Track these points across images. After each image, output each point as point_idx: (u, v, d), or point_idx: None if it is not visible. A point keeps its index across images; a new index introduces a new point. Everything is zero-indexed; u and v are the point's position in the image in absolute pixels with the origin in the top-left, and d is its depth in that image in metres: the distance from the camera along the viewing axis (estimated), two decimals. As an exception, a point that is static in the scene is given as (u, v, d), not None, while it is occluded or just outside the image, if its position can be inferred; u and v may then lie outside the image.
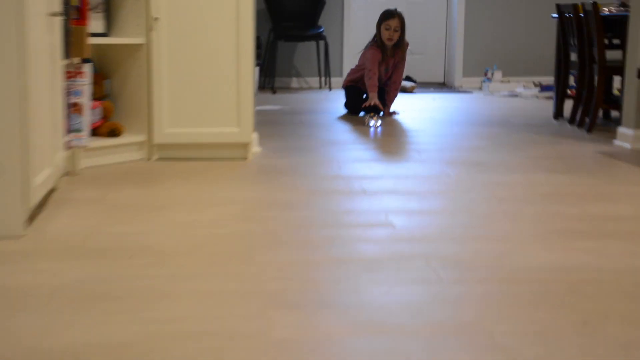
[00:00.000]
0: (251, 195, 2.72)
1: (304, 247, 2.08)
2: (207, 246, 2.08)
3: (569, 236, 2.21)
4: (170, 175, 3.09)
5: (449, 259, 1.98)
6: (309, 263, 1.95)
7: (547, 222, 2.36)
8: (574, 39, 4.71)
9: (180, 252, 2.03)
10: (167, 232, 2.22)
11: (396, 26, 5.11)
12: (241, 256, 1.99)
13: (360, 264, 1.95)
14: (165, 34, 3.29)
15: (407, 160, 3.47)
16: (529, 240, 2.16)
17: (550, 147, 3.86)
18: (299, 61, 7.50)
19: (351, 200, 2.66)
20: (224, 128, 3.38)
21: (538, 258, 2.00)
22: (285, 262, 1.95)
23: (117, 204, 2.56)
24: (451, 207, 2.57)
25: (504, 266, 1.93)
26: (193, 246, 2.08)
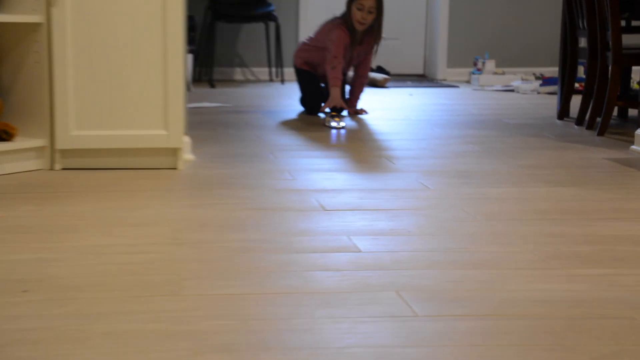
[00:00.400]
0: (181, 214, 2.73)
1: (247, 277, 2.10)
2: (124, 277, 2.08)
3: (572, 262, 2.26)
4: (78, 188, 3.08)
5: (425, 290, 2.01)
6: (253, 296, 1.96)
7: (546, 245, 2.41)
8: (583, 20, 4.81)
9: (89, 284, 2.02)
10: (73, 260, 2.21)
11: (371, 7, 5.07)
12: (168, 289, 2.00)
13: (316, 297, 1.97)
14: (71, 10, 3.29)
15: (375, 169, 3.50)
16: (523, 267, 2.20)
17: (552, 153, 3.94)
18: (244, 47, 7.52)
19: (306, 218, 2.68)
20: (147, 130, 3.38)
21: (534, 289, 2.04)
22: (223, 296, 1.96)
23: (8, 226, 2.55)
24: (429, 227, 2.61)
25: (492, 299, 1.96)
26: (106, 277, 2.08)
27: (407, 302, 1.93)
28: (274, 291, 2.00)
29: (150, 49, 3.34)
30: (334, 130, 4.60)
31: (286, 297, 1.96)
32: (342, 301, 1.93)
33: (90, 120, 3.35)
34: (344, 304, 1.92)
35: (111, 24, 3.31)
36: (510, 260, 2.27)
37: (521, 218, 2.72)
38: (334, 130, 4.60)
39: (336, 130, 4.60)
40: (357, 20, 5.07)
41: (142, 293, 1.96)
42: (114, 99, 3.35)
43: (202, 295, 1.96)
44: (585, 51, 4.84)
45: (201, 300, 1.93)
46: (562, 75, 5.16)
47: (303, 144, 4.13)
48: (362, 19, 5.06)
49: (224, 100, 5.91)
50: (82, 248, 2.32)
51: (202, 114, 5.20)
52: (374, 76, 7.06)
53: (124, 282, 2.04)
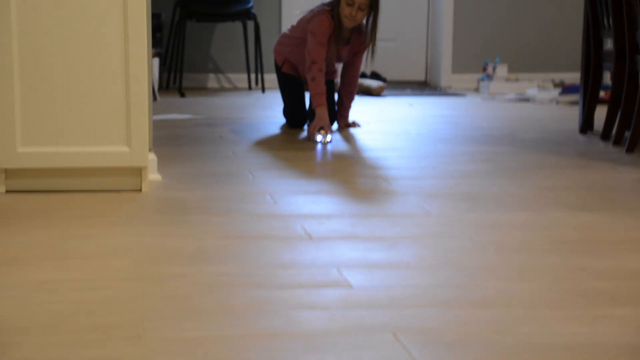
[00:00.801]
0: (146, 243, 2.73)
1: (221, 316, 2.10)
2: (78, 317, 2.08)
3: (596, 300, 2.27)
4: (25, 214, 3.07)
5: (425, 332, 2.02)
6: (228, 340, 1.96)
7: (567, 280, 2.42)
8: (609, 18, 4.85)
9: (38, 326, 2.02)
10: (18, 299, 2.21)
11: (363, 3, 4.96)
12: (129, 331, 2.00)
13: (301, 340, 1.97)
14: (15, 9, 3.29)
15: (370, 192, 3.51)
16: (541, 306, 2.21)
17: (573, 173, 3.95)
18: (219, 50, 7.55)
19: (290, 248, 2.68)
20: (106, 147, 3.39)
21: (552, 332, 2.05)
22: (193, 339, 1.96)
23: (-53, 257, 2.54)
24: (431, 258, 2.62)
25: (503, 343, 1.97)
26: (58, 318, 2.07)
27: (405, 346, 1.93)
28: (253, 333, 2.00)
29: (108, 52, 3.34)
30: (320, 144, 4.65)
31: (267, 340, 1.96)
32: (331, 345, 1.94)
33: (40, 135, 3.35)
34: (333, 348, 1.92)
35: (62, 24, 3.32)
36: (525, 297, 2.27)
37: (537, 248, 2.73)
38: (320, 144, 4.65)
39: (322, 144, 4.65)
40: (345, 16, 4.97)
41: (99, 336, 1.96)
42: (67, 111, 3.35)
43: (168, 338, 1.96)
44: (611, 54, 4.87)
45: (166, 344, 1.93)
46: (584, 83, 5.18)
47: (286, 162, 4.14)
48: (350, 16, 4.97)
49: (196, 112, 5.92)
50: (30, 284, 2.32)
51: (170, 127, 5.21)
52: (368, 83, 7.08)
53: (79, 324, 2.03)
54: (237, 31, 7.43)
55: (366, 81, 7.13)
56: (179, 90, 7.00)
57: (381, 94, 7.05)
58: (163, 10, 7.22)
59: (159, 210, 3.16)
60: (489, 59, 7.66)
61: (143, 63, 3.36)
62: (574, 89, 6.77)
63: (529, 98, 6.91)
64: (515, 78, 7.44)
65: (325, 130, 4.74)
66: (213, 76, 7.57)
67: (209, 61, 7.55)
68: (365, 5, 4.98)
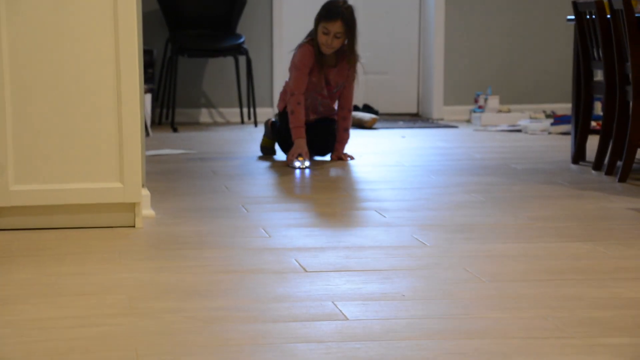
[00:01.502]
0: (140, 279, 2.72)
1: (217, 351, 2.09)
2: (73, 355, 2.07)
3: (592, 330, 2.27)
4: (17, 252, 3.07)
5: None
6: (223, 375, 1.96)
7: (561, 310, 2.42)
8: (599, 50, 4.88)
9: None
10: (12, 337, 2.20)
11: (338, 32, 5.11)
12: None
13: (296, 374, 1.97)
14: (7, 45, 3.30)
15: (363, 224, 3.52)
16: (535, 336, 2.21)
17: (566, 203, 3.96)
18: (211, 85, 7.57)
19: (285, 282, 2.68)
20: (99, 183, 3.39)
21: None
22: (188, 375, 1.95)
23: (-60, 296, 2.54)
24: (426, 290, 2.62)
25: (500, 373, 1.97)
26: (53, 356, 2.07)
27: (402, 379, 1.93)
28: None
29: (101, 88, 3.35)
30: (298, 169, 4.83)
31: (262, 374, 1.96)
32: (326, 378, 1.94)
33: (32, 172, 3.35)
34: (329, 381, 1.92)
35: (55, 61, 3.33)
36: (520, 327, 2.27)
37: (532, 279, 2.74)
38: (298, 169, 4.83)
39: (300, 170, 4.83)
40: (322, 44, 5.14)
41: (94, 373, 1.96)
42: (60, 148, 3.36)
43: (164, 374, 1.96)
44: (601, 85, 4.90)
45: (163, 380, 1.92)
46: (576, 113, 5.21)
47: (279, 195, 4.15)
48: (327, 44, 5.13)
49: (188, 147, 5.93)
50: (24, 322, 2.31)
51: (163, 162, 5.21)
52: (361, 116, 7.10)
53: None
54: (229, 66, 7.46)
55: (358, 114, 7.15)
56: (171, 125, 7.01)
57: (373, 126, 7.07)
58: (155, 47, 7.25)
59: (152, 246, 3.16)
60: (481, 90, 7.69)
61: (135, 99, 3.37)
62: (566, 119, 6.79)
63: (521, 129, 6.93)
64: (507, 109, 7.47)
65: (302, 157, 4.93)
66: (205, 111, 7.59)
67: (201, 96, 7.57)
68: (341, 34, 5.12)
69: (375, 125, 7.10)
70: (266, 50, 7.59)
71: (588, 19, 4.95)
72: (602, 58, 4.80)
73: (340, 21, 5.10)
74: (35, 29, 3.31)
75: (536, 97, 7.86)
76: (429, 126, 7.24)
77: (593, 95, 5.08)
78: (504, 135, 6.68)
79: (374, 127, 7.07)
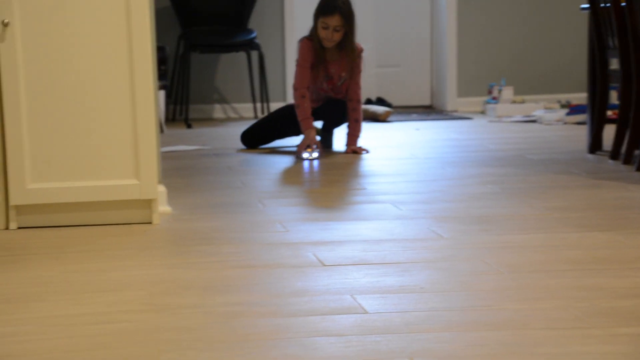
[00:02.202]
0: (159, 275, 2.74)
1: (237, 346, 2.10)
2: (95, 351, 2.08)
3: (612, 319, 2.27)
4: (37, 250, 3.09)
5: (442, 356, 2.02)
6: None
7: (581, 300, 2.42)
8: (614, 38, 4.87)
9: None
10: (34, 334, 2.21)
11: (337, 25, 5.24)
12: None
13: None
14: (22, 46, 3.32)
15: (380, 217, 3.52)
16: (555, 327, 2.21)
17: (583, 193, 3.96)
18: (223, 81, 7.58)
19: (303, 276, 2.69)
20: (115, 180, 3.40)
21: (568, 352, 2.05)
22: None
23: (-40, 295, 2.55)
24: (444, 282, 2.62)
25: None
26: (74, 352, 2.08)
27: (423, 371, 1.94)
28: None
29: (115, 86, 3.37)
30: (308, 161, 5.01)
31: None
32: (348, 371, 1.94)
33: (49, 171, 3.37)
34: (350, 374, 1.93)
35: (69, 59, 3.34)
36: (540, 318, 2.28)
37: (550, 269, 2.74)
38: (308, 161, 5.01)
39: (309, 161, 5.02)
40: (323, 38, 5.28)
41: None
42: (76, 146, 3.37)
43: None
44: (617, 74, 4.88)
45: (185, 375, 1.93)
46: (591, 102, 5.20)
47: (295, 190, 4.15)
48: (327, 38, 5.26)
49: (203, 142, 5.94)
50: (45, 319, 2.32)
51: (177, 158, 5.22)
52: (374, 109, 7.10)
53: (95, 358, 2.04)
54: (242, 61, 7.46)
55: (372, 107, 7.15)
56: (185, 121, 7.02)
57: (387, 119, 7.07)
58: (167, 43, 7.26)
59: (170, 242, 3.17)
60: (494, 82, 7.68)
61: (150, 96, 3.38)
62: (581, 108, 6.78)
63: (536, 119, 6.92)
64: (522, 100, 7.45)
65: (311, 148, 5.08)
66: (219, 106, 7.60)
67: (215, 92, 7.58)
68: (340, 27, 5.24)
69: (389, 118, 7.10)
70: (278, 45, 7.59)
71: (602, 7, 4.94)
72: (618, 46, 4.79)
73: (339, 15, 5.23)
74: (48, 28, 3.32)
75: (551, 87, 7.84)
76: (443, 118, 7.23)
77: (609, 84, 5.07)
78: (519, 126, 6.67)
79: (387, 120, 7.07)
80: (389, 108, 7.21)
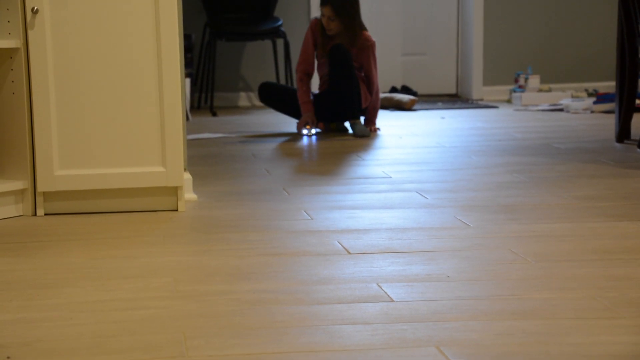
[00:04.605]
0: (185, 262, 2.74)
1: (262, 333, 2.10)
2: (121, 337, 2.09)
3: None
4: (65, 236, 3.10)
5: (469, 345, 2.02)
6: (269, 356, 1.96)
7: (610, 290, 2.40)
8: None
9: (81, 347, 2.04)
10: (62, 320, 2.22)
11: (330, 14, 5.51)
12: (172, 350, 2.01)
13: (343, 355, 1.97)
14: (51, 34, 3.33)
15: (406, 205, 3.51)
16: (584, 316, 2.20)
17: (612, 182, 3.94)
18: (249, 69, 7.58)
19: (329, 264, 2.69)
20: (141, 167, 3.41)
21: (597, 342, 2.04)
22: (235, 356, 1.96)
23: (-12, 280, 2.57)
24: (471, 271, 2.61)
25: (548, 354, 1.96)
26: (101, 338, 2.09)
27: (450, 359, 1.93)
28: (294, 349, 2.00)
29: (143, 74, 3.37)
30: (306, 137, 5.47)
31: (308, 356, 1.96)
32: (374, 359, 1.94)
33: (77, 158, 3.38)
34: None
35: (98, 47, 3.35)
36: (568, 308, 2.27)
37: (579, 259, 2.72)
38: (306, 137, 5.47)
39: (308, 137, 5.48)
40: (325, 27, 5.57)
41: (142, 355, 1.97)
42: (103, 133, 3.38)
43: (211, 356, 1.97)
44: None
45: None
46: (620, 91, 5.16)
47: (320, 178, 4.15)
48: (327, 27, 5.55)
49: (228, 130, 5.94)
50: (72, 305, 2.34)
51: (203, 146, 5.23)
52: (399, 97, 7.09)
53: (121, 344, 2.05)
54: (267, 49, 7.46)
55: (397, 95, 7.13)
56: (210, 109, 7.03)
57: (412, 107, 7.05)
58: (193, 31, 7.27)
59: (196, 229, 3.18)
60: (521, 70, 7.64)
61: (176, 84, 3.39)
62: (609, 97, 6.73)
63: (563, 108, 6.89)
64: (548, 88, 7.42)
65: (310, 125, 5.51)
66: (244, 95, 7.60)
67: (240, 80, 7.58)
68: (333, 16, 5.51)
69: (414, 107, 7.08)
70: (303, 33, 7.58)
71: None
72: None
73: (329, 6, 5.49)
74: (77, 16, 3.33)
75: (578, 76, 7.80)
76: (469, 107, 7.20)
77: (637, 73, 5.03)
78: (546, 115, 6.64)
79: (413, 109, 7.05)
80: (414, 96, 7.19)
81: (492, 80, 7.80)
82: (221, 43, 7.31)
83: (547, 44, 7.76)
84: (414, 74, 7.95)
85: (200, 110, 7.25)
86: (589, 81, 7.79)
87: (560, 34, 7.76)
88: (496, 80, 7.80)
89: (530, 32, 7.74)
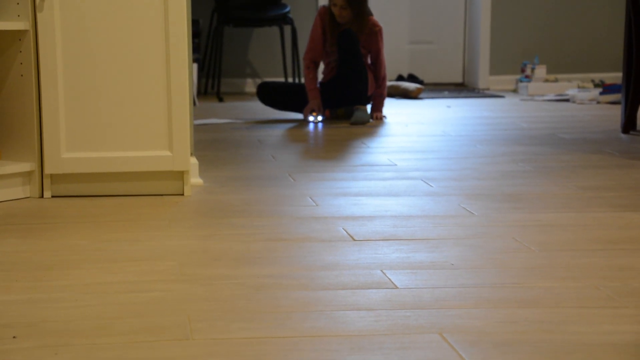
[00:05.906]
0: (190, 246, 2.75)
1: (266, 318, 2.11)
2: (126, 319, 2.10)
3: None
4: (71, 219, 3.11)
5: (473, 332, 2.02)
6: (273, 340, 1.97)
7: (614, 280, 2.41)
8: (647, 18, 4.82)
9: (87, 328, 2.04)
10: (67, 301, 2.23)
11: (342, 4, 5.52)
12: (176, 332, 2.01)
13: (346, 340, 1.97)
14: (60, 16, 3.33)
15: (411, 193, 3.52)
16: (587, 305, 2.20)
17: (617, 172, 3.93)
18: (256, 55, 7.57)
19: (333, 250, 2.69)
20: (148, 151, 3.41)
21: (600, 331, 2.04)
22: (239, 340, 1.97)
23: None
24: (475, 259, 2.61)
25: (551, 342, 1.97)
26: (106, 320, 2.10)
27: (453, 346, 1.94)
28: (298, 334, 2.01)
29: (150, 58, 3.37)
30: (312, 123, 5.53)
31: (312, 340, 1.97)
32: (377, 345, 1.94)
33: (84, 140, 3.39)
34: (379, 348, 1.93)
35: (106, 31, 3.35)
36: (571, 297, 2.27)
37: (583, 248, 2.72)
38: (312, 123, 5.53)
39: (314, 123, 5.51)
40: (336, 15, 5.56)
41: (147, 338, 1.98)
42: (111, 116, 3.38)
43: (215, 339, 1.97)
44: (651, 54, 4.84)
45: (215, 345, 1.94)
46: (626, 82, 5.15)
47: (326, 164, 4.15)
48: (338, 15, 5.54)
49: (234, 116, 5.95)
50: (78, 287, 2.34)
51: (210, 131, 5.24)
52: (406, 86, 7.08)
53: (126, 326, 2.05)
54: (274, 36, 7.46)
55: (403, 84, 7.13)
56: (217, 95, 7.03)
57: (419, 96, 7.05)
58: (201, 17, 7.26)
59: (201, 214, 3.18)
60: (528, 60, 7.63)
61: (184, 69, 3.39)
62: (615, 88, 6.72)
63: (569, 98, 6.88)
64: (555, 79, 7.41)
65: (315, 112, 5.56)
66: (251, 81, 7.60)
67: (247, 66, 7.58)
68: (346, 5, 5.52)
69: (421, 95, 7.08)
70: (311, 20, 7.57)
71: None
72: (653, 26, 4.74)
73: None
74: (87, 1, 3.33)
75: (584, 66, 7.79)
76: (475, 96, 7.20)
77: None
78: (552, 105, 6.63)
79: (419, 97, 7.04)
80: (420, 85, 7.19)
81: (499, 69, 7.79)
82: (229, 29, 7.30)
83: (554, 34, 7.75)
84: (421, 63, 7.94)
85: (207, 95, 7.25)
86: (596, 72, 7.78)
87: (567, 25, 7.75)
88: (503, 70, 7.79)
89: (537, 22, 7.73)
